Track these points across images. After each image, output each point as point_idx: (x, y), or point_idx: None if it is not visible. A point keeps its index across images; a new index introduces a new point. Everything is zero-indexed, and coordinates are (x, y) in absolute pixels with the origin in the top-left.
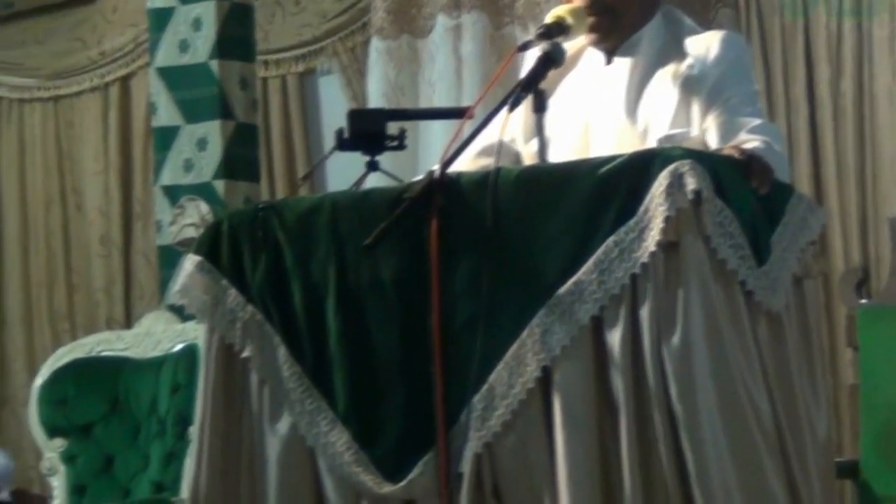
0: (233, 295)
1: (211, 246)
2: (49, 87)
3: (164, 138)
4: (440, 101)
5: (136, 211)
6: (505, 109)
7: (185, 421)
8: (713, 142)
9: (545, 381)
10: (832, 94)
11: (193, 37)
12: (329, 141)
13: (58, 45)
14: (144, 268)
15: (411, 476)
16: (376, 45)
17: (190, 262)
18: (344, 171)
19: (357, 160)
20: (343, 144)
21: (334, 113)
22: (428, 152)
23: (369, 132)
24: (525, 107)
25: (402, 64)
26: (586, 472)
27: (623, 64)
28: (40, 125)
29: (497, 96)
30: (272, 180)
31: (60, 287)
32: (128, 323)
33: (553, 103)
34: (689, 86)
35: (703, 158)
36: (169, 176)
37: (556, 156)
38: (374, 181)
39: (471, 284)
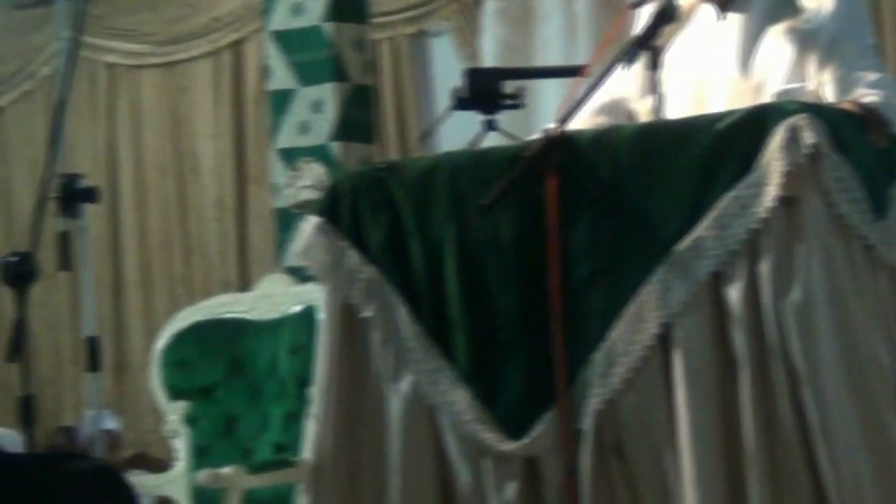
0: (353, 255)
1: (330, 207)
2: (162, 53)
3: (280, 101)
4: (553, 60)
5: (250, 174)
6: (619, 67)
7: (304, 382)
8: (830, 97)
9: (665, 338)
10: None
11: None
12: (441, 102)
13: (170, 11)
14: (259, 231)
15: (533, 433)
16: (489, 6)
17: (310, 223)
18: (457, 132)
19: (470, 120)
20: (460, 104)
21: (445, 74)
22: (543, 111)
23: (486, 91)
24: (639, 64)
25: (515, 24)
26: (707, 427)
27: (736, 19)
28: (154, 91)
29: (611, 55)
30: (384, 142)
31: (177, 251)
32: (243, 285)
33: (667, 60)
34: (804, 40)
35: (820, 112)
36: (285, 139)
37: (671, 112)
38: (490, 141)
39: (589, 242)
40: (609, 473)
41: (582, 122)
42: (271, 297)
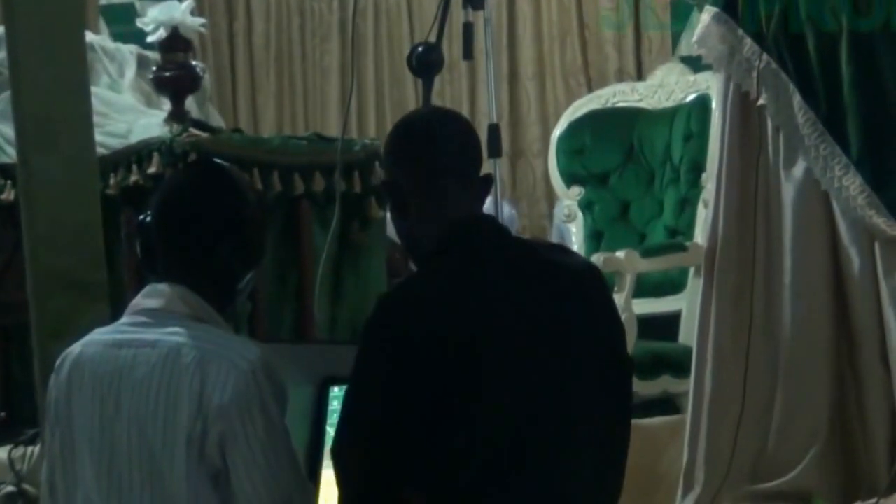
0: (749, 44)
1: None
2: None
3: None
4: None
5: None
6: None
7: (697, 168)
8: None
9: None
10: None
11: None
12: None
13: None
14: (653, 21)
15: None
16: None
17: (707, 13)
18: None
19: None
20: None
21: None
22: None
23: None
24: None
25: None
26: None
27: None
28: None
29: None
30: None
31: (573, 41)
32: (638, 75)
33: None
34: None
35: None
36: None
37: None
38: None
39: None
40: None
41: None
42: (665, 86)
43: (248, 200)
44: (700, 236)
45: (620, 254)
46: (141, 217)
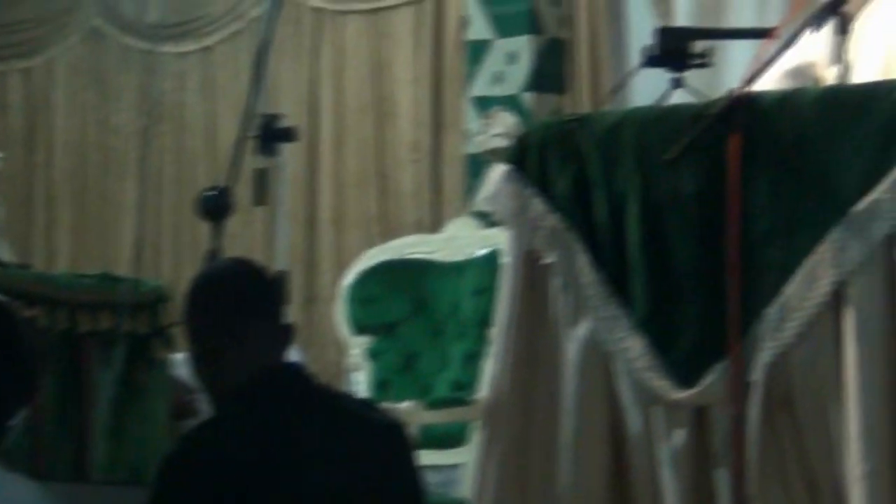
0: (538, 203)
1: (519, 156)
2: (367, 0)
3: (476, 51)
4: (744, 22)
5: (446, 119)
6: (808, 31)
7: (485, 323)
8: None
9: (838, 296)
10: None
11: None
12: (635, 58)
13: None
14: (451, 175)
15: (704, 383)
16: None
17: (499, 170)
18: (647, 88)
19: (660, 77)
20: (650, 61)
21: (640, 30)
22: (731, 71)
23: (676, 50)
24: (829, 29)
25: None
26: (875, 384)
27: None
28: (357, 36)
29: (802, 18)
30: (578, 93)
31: (371, 191)
32: (434, 227)
33: (857, 27)
34: None
35: None
36: (479, 87)
37: (859, 80)
38: (677, 98)
39: (769, 199)
40: (776, 425)
41: (769, 84)
42: (458, 240)
43: (21, 336)
44: (486, 390)
45: (405, 405)
46: None
